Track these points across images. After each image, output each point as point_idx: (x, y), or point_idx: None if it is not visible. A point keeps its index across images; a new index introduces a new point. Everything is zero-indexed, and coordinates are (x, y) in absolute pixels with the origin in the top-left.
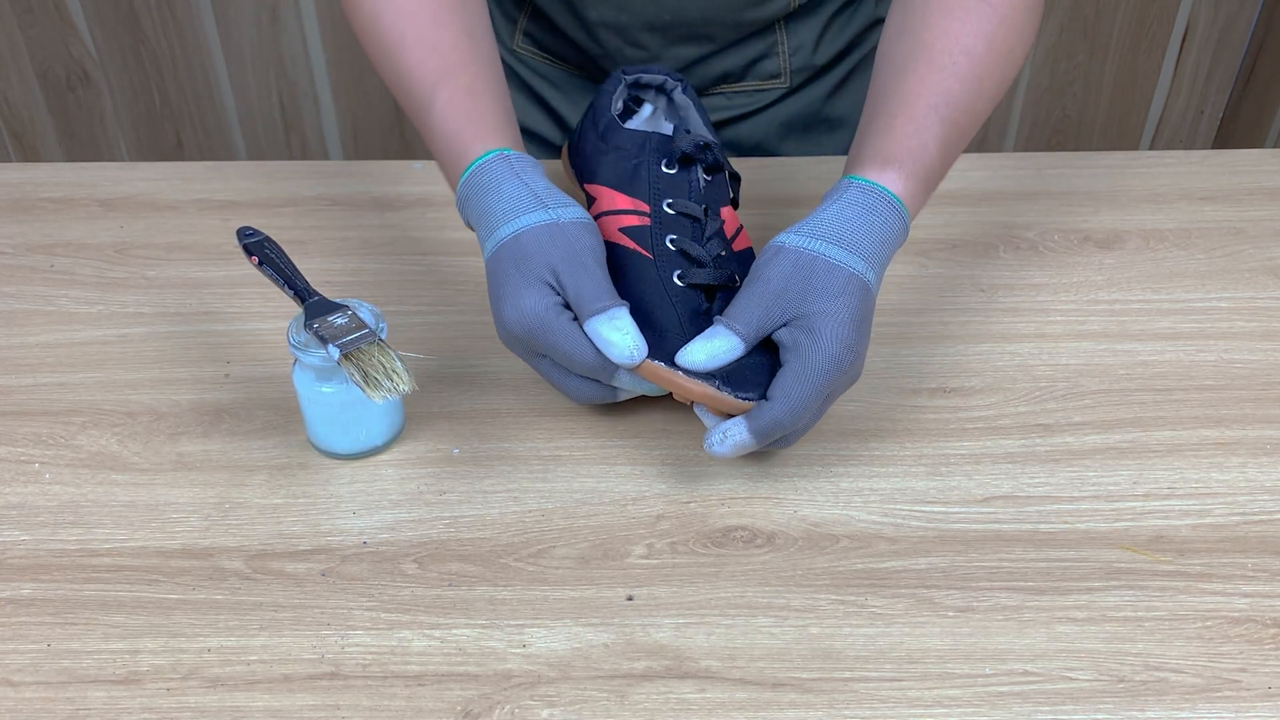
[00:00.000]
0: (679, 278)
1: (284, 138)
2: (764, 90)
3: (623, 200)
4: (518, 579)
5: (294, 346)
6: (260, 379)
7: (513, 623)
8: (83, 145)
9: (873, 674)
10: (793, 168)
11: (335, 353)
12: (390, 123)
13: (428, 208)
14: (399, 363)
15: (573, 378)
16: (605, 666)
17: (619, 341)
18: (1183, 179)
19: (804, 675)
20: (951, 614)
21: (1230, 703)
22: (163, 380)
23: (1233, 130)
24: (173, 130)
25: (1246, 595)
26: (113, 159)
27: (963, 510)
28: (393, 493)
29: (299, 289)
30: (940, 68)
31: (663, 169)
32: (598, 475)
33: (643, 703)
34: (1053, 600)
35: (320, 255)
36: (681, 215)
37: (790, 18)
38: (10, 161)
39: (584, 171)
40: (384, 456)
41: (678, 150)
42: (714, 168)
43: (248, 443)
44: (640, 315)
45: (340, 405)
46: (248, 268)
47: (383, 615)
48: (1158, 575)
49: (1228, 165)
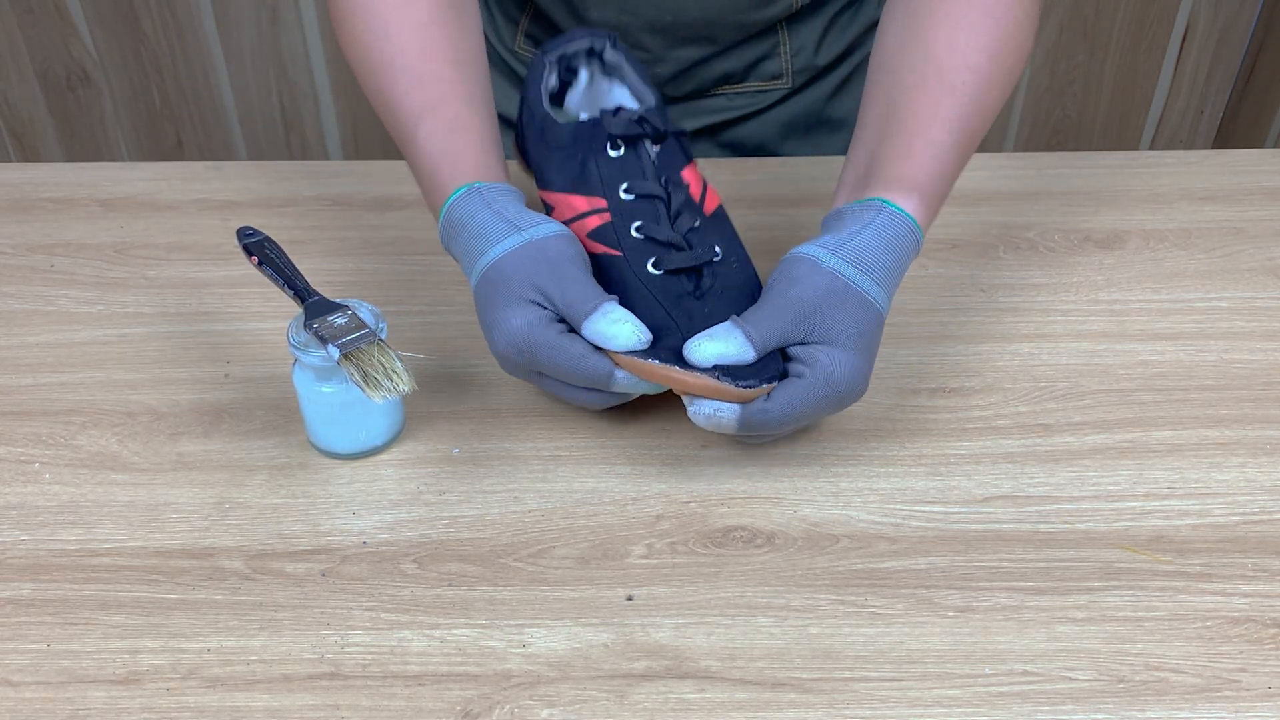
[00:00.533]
0: (654, 266)
1: (284, 138)
2: (766, 91)
3: (579, 202)
4: (518, 579)
5: (294, 346)
6: (260, 379)
7: (513, 623)
8: (83, 145)
9: (873, 674)
10: (792, 167)
11: (335, 353)
12: None
13: (428, 208)
14: (399, 363)
15: (575, 389)
16: (605, 666)
17: (620, 332)
18: (1183, 179)
19: (804, 675)
20: (951, 614)
21: (1230, 703)
22: (163, 380)
23: (1233, 130)
24: (173, 130)
25: (1246, 595)
26: (113, 159)
27: (963, 510)
28: (393, 493)
29: (299, 289)
30: (951, 87)
31: (609, 154)
32: (598, 475)
33: (643, 703)
34: (1053, 600)
35: (320, 255)
36: (641, 198)
37: (792, 19)
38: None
39: (538, 178)
40: (384, 456)
41: (614, 134)
42: (660, 136)
43: (248, 443)
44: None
45: (340, 405)
46: (248, 268)
47: (383, 615)
48: (1158, 575)
49: (1228, 165)
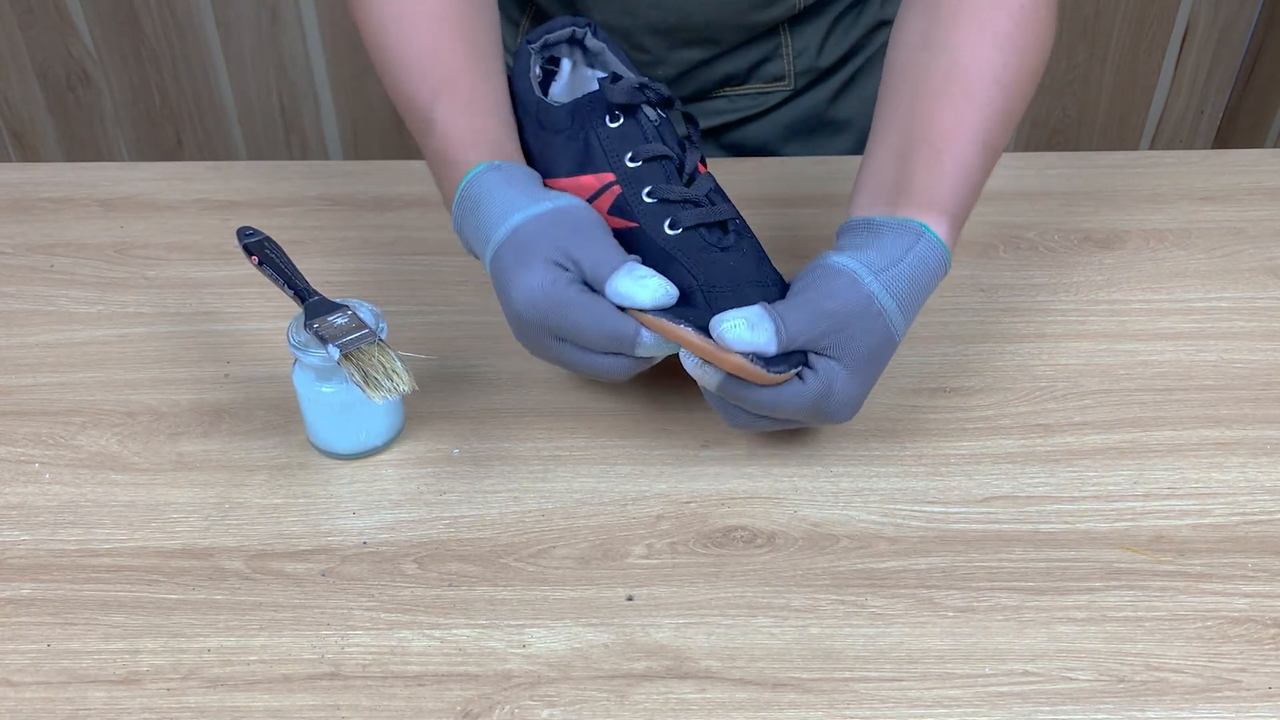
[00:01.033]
0: (670, 227)
1: (284, 138)
2: (768, 93)
3: (588, 181)
4: (518, 579)
5: (294, 346)
6: (260, 379)
7: (513, 623)
8: (83, 145)
9: (873, 674)
10: (792, 168)
11: (335, 353)
12: (390, 123)
13: (428, 208)
14: (399, 363)
15: (598, 356)
16: (605, 666)
17: (647, 287)
18: (1183, 179)
19: (804, 675)
20: (951, 614)
21: (1230, 703)
22: (163, 380)
23: (1233, 130)
24: (173, 130)
25: (1246, 595)
26: (113, 159)
27: (963, 510)
28: (393, 493)
29: (299, 289)
30: (978, 103)
31: (609, 125)
32: (598, 475)
33: (643, 703)
34: (1053, 600)
35: (320, 255)
36: (650, 161)
37: (795, 20)
38: (10, 161)
39: (543, 170)
40: (384, 456)
41: (613, 103)
42: (665, 102)
43: (248, 443)
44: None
45: (340, 405)
46: (248, 268)
47: (383, 615)
48: (1158, 575)
49: (1228, 165)
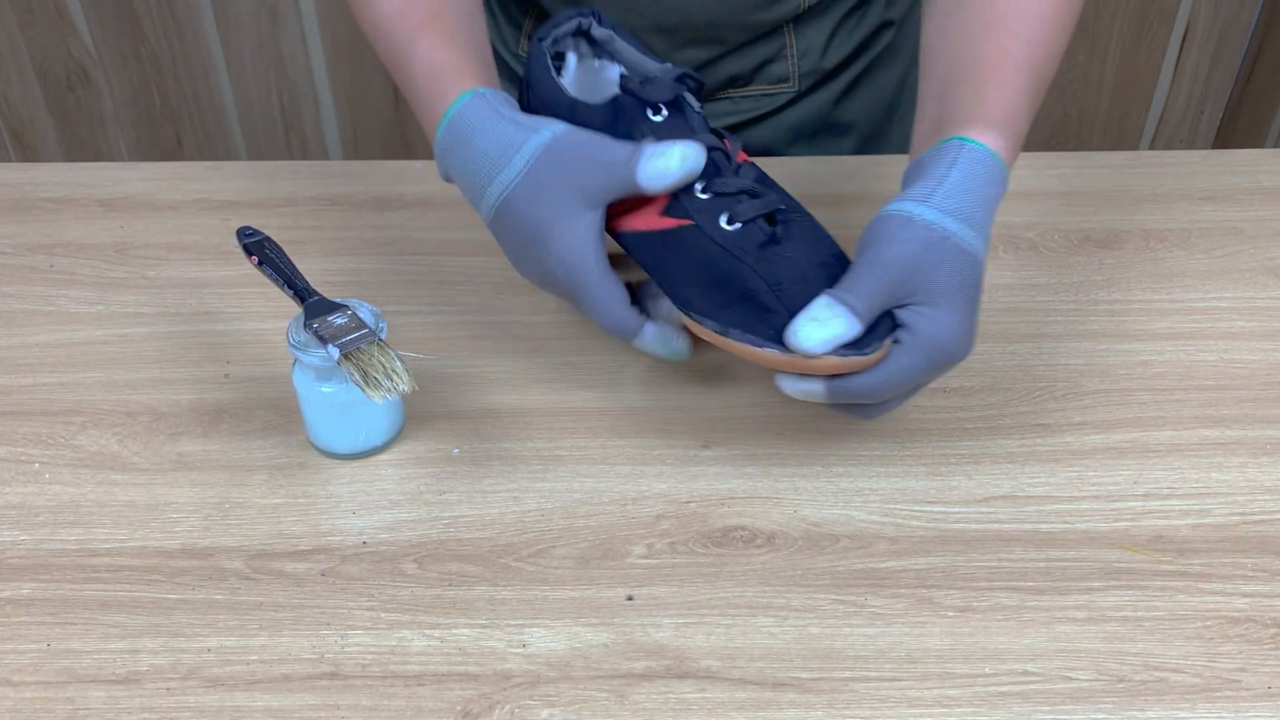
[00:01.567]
0: (728, 222)
1: (284, 138)
2: (771, 94)
3: None
4: (518, 579)
5: (294, 346)
6: (260, 379)
7: (513, 623)
8: (83, 145)
9: (873, 674)
10: (792, 168)
11: (335, 353)
12: (390, 123)
13: (428, 208)
14: (399, 363)
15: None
16: (605, 666)
17: (672, 156)
18: (1183, 179)
19: (804, 675)
20: (951, 614)
21: (1230, 703)
22: (163, 380)
23: (1233, 130)
24: (173, 130)
25: (1246, 595)
26: (112, 159)
27: (963, 510)
28: (393, 493)
29: (299, 289)
30: (1016, 33)
31: (652, 119)
32: (598, 475)
33: (643, 703)
34: (1053, 600)
35: (320, 255)
36: None
37: (799, 20)
38: (10, 161)
39: None
40: (384, 456)
41: (660, 97)
42: (699, 89)
43: (248, 443)
44: (718, 293)
45: (340, 405)
46: (248, 268)
47: (383, 615)
48: (1158, 575)
49: (1228, 165)
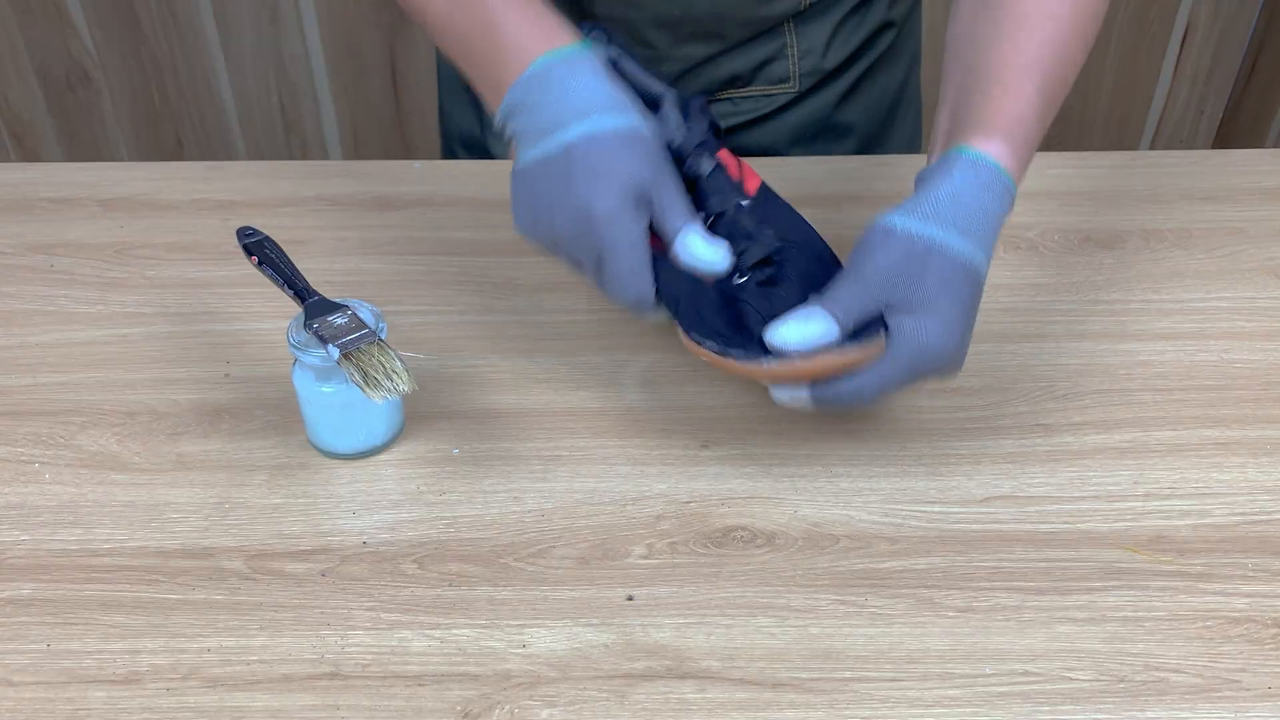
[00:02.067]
0: (736, 275)
1: (284, 138)
2: (772, 95)
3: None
4: (518, 579)
5: (294, 346)
6: (260, 379)
7: (513, 623)
8: (83, 145)
9: (873, 674)
10: (792, 168)
11: (335, 353)
12: (390, 123)
13: (428, 208)
14: (399, 363)
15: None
16: (605, 666)
17: (717, 249)
18: (1183, 179)
19: (804, 675)
20: (951, 614)
21: (1230, 703)
22: (163, 380)
23: (1233, 130)
24: (173, 130)
25: (1246, 595)
26: (113, 159)
27: (963, 510)
28: (393, 493)
29: (299, 289)
30: (1028, 35)
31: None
32: (598, 475)
33: (643, 703)
34: (1053, 600)
35: (320, 255)
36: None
37: (800, 18)
38: (10, 161)
39: None
40: (384, 456)
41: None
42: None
43: (248, 443)
44: (718, 319)
45: (340, 405)
46: (248, 268)
47: (383, 615)
48: (1158, 575)
49: (1228, 165)
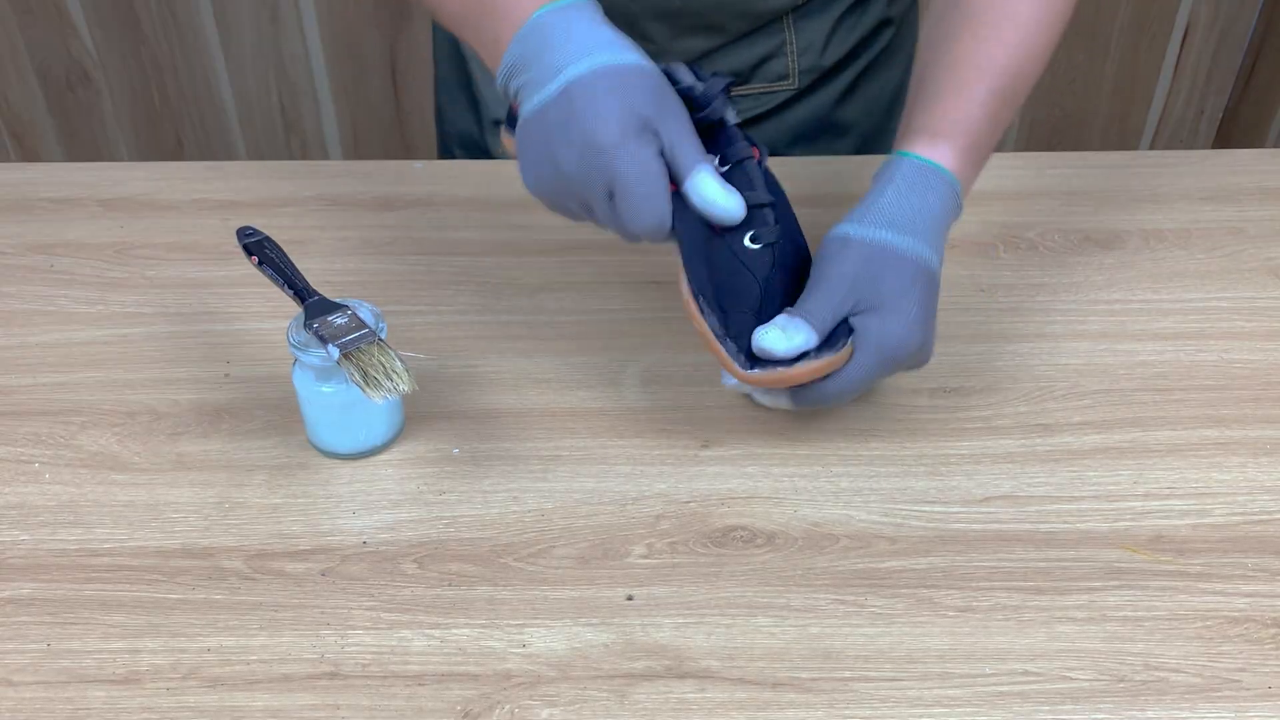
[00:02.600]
0: (751, 240)
1: (284, 138)
2: (771, 93)
3: None
4: (518, 579)
5: (294, 346)
6: (260, 379)
7: (513, 623)
8: (83, 145)
9: (873, 674)
10: (793, 168)
11: (335, 353)
12: (390, 123)
13: (428, 208)
14: (399, 363)
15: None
16: (605, 666)
17: (732, 195)
18: (1183, 179)
19: (804, 675)
20: (951, 614)
21: (1230, 703)
22: (163, 380)
23: (1233, 130)
24: (173, 130)
25: (1246, 595)
26: (113, 159)
27: (963, 510)
28: (393, 493)
29: (299, 289)
30: (984, 37)
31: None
32: (598, 475)
33: (643, 703)
34: (1053, 600)
35: (320, 255)
36: (753, 208)
37: (799, 14)
38: (10, 161)
39: None
40: (384, 456)
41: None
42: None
43: (248, 443)
44: (725, 295)
45: (340, 405)
46: (248, 268)
47: (383, 615)
48: (1158, 575)
49: (1228, 165)
